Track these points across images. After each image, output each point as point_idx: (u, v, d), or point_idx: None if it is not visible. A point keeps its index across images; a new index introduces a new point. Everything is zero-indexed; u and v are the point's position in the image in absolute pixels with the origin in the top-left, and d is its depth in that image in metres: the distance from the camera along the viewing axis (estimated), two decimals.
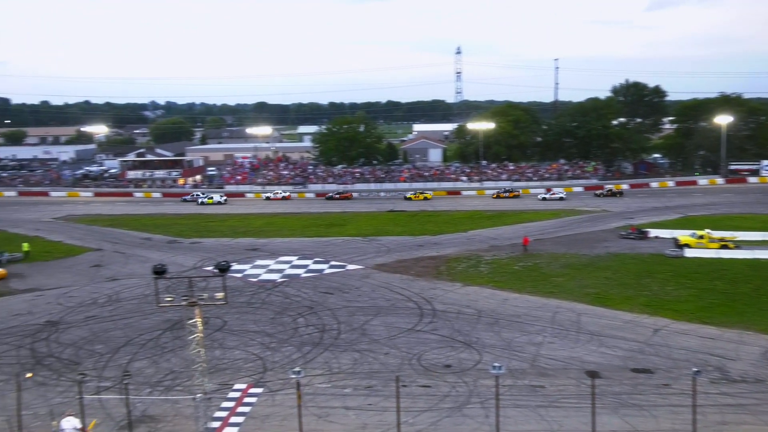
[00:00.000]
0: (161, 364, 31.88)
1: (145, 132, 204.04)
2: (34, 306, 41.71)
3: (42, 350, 33.91)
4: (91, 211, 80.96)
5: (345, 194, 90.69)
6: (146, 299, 42.02)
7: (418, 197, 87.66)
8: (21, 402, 21.80)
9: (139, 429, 24.67)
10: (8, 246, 57.07)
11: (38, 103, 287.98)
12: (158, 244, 60.93)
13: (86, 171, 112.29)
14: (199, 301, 21.44)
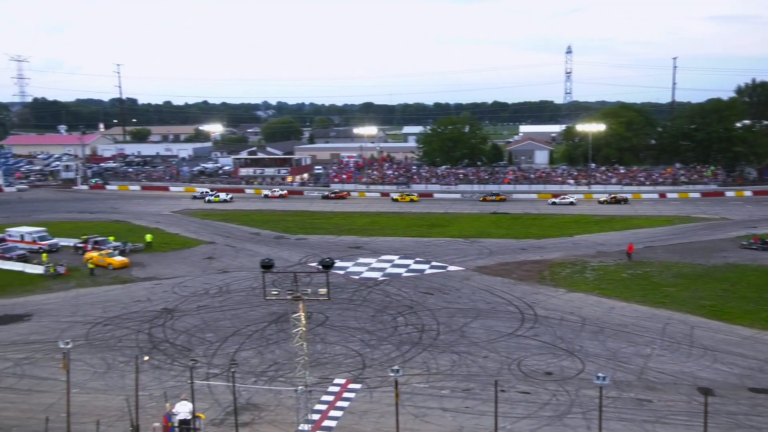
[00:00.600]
0: (266, 355, 33.09)
1: (257, 131, 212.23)
2: (153, 294, 44.44)
3: (158, 336, 36.07)
4: (205, 206, 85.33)
5: (340, 193, 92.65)
6: (254, 292, 43.76)
7: (404, 198, 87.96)
8: (139, 383, 23.28)
9: (244, 416, 25.72)
10: (131, 237, 61.18)
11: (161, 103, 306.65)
12: (266, 239, 63.26)
13: (202, 167, 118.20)
14: (303, 295, 22.03)
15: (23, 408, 27.12)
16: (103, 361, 32.37)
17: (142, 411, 23.71)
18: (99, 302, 42.63)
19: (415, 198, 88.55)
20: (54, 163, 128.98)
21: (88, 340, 35.34)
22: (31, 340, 35.64)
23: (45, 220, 71.60)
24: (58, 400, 26.39)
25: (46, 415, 23.35)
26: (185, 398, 23.07)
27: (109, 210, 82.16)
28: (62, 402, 24.15)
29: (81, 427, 23.09)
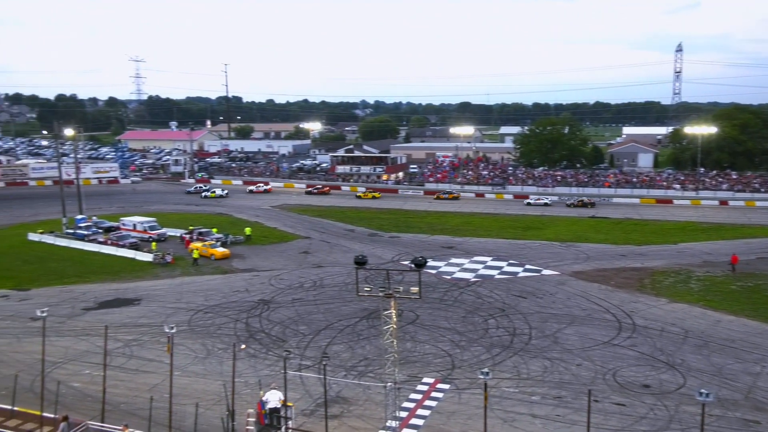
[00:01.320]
0: (356, 350, 33.56)
1: (354, 129, 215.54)
2: (251, 285, 46.10)
3: (255, 325, 37.37)
4: (302, 202, 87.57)
5: (323, 189, 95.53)
6: (346, 287, 44.50)
7: (367, 195, 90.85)
8: (235, 370, 24.19)
9: (333, 408, 26.20)
10: (233, 229, 63.71)
11: (264, 102, 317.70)
12: (360, 236, 64.15)
13: (301, 164, 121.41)
14: (395, 293, 22.15)
15: (131, 386, 28.84)
16: (203, 347, 33.90)
17: (237, 397, 24.64)
18: (201, 290, 44.68)
19: (377, 195, 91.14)
20: (165, 157, 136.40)
21: (190, 326, 37.12)
22: (140, 323, 37.86)
23: (155, 210, 75.81)
24: (162, 381, 27.89)
25: (151, 395, 24.69)
26: (275, 387, 23.77)
27: (213, 203, 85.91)
28: (165, 383, 25.48)
29: (181, 408, 24.26)
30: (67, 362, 32.00)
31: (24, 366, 30.51)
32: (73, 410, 26.40)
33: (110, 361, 28.64)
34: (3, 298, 43.61)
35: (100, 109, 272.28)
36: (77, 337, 35.44)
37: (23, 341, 34.66)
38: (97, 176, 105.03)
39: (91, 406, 26.22)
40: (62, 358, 32.22)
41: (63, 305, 41.28)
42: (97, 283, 47.06)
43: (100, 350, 28.31)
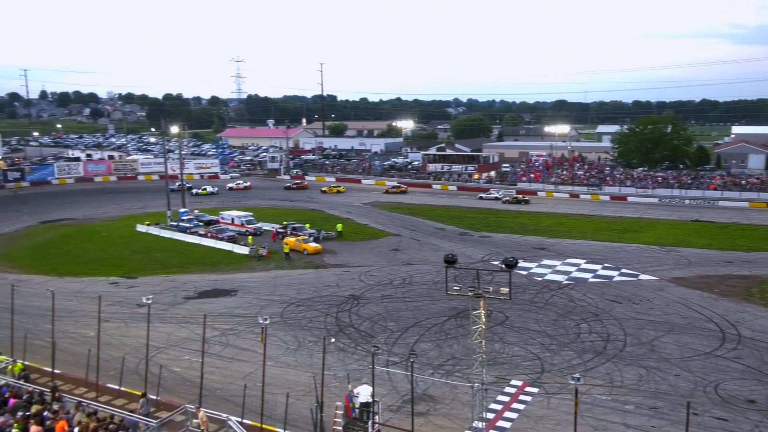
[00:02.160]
0: (444, 348, 33.47)
1: (446, 127, 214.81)
2: (341, 280, 46.89)
3: (344, 320, 38.00)
4: (393, 199, 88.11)
5: (301, 185, 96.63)
6: (435, 286, 44.44)
7: (332, 191, 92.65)
8: (325, 363, 24.69)
9: (420, 405, 26.26)
10: (325, 225, 65.03)
11: (358, 100, 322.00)
12: (450, 235, 63.88)
13: (393, 162, 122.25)
14: (485, 293, 21.91)
15: (226, 374, 30.04)
16: (294, 339, 34.81)
17: (326, 389, 25.17)
18: (294, 284, 45.90)
19: (341, 189, 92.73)
20: (262, 154, 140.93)
21: (282, 318, 38.21)
22: (236, 313, 39.34)
23: (251, 205, 78.46)
24: (255, 371, 28.86)
25: (245, 383, 25.61)
26: (366, 382, 24.07)
27: (307, 199, 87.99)
28: (258, 372, 26.36)
29: (273, 397, 25.02)
30: (169, 348, 33.74)
31: (130, 349, 32.40)
32: (173, 393, 27.83)
33: (208, 348, 29.93)
34: (113, 284, 46.51)
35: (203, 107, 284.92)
36: (178, 324, 37.29)
37: (130, 326, 36.82)
38: (200, 171, 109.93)
39: (189, 390, 27.51)
40: (164, 344, 34.00)
41: (166, 293, 43.53)
42: (197, 274, 49.31)
43: (199, 338, 29.64)
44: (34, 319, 36.36)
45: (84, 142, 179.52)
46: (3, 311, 35.34)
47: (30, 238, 63.31)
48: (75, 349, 32.46)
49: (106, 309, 34.24)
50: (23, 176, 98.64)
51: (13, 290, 33.38)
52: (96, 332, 29.91)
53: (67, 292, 42.81)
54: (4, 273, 49.43)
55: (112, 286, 45.89)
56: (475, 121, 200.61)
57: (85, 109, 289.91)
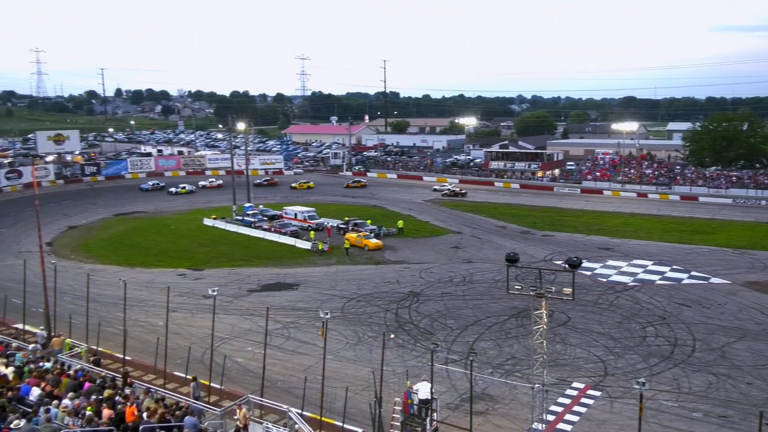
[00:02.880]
0: (504, 348, 33.09)
1: (510, 125, 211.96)
2: (402, 276, 46.97)
3: (404, 316, 38.07)
4: (454, 198, 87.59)
5: (272, 181, 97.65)
6: (496, 284, 43.98)
7: (302, 186, 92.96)
8: (384, 358, 24.79)
9: (478, 404, 26.06)
10: (386, 221, 65.27)
11: (420, 97, 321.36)
12: (512, 233, 63.07)
13: (455, 159, 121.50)
14: (547, 293, 21.55)
15: (287, 366, 30.57)
16: (354, 334, 35.11)
17: (385, 384, 25.26)
18: (354, 279, 46.27)
19: (311, 185, 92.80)
20: (325, 150, 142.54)
21: (343, 312, 38.59)
22: (297, 307, 39.98)
23: (314, 201, 79.56)
24: (315, 364, 29.24)
25: (305, 376, 25.99)
26: (425, 379, 24.04)
27: (368, 195, 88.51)
28: (318, 366, 26.67)
29: (332, 390, 25.30)
30: (233, 338, 34.59)
31: (196, 339, 33.38)
32: (236, 383, 28.51)
33: (270, 340, 30.49)
34: (181, 276, 48.00)
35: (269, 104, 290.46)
36: (242, 316, 38.18)
37: (196, 316, 37.93)
38: (264, 167, 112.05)
39: (251, 381, 28.12)
40: (228, 335, 34.88)
41: (230, 286, 44.63)
42: (260, 267, 50.35)
43: (262, 330, 30.22)
44: (107, 307, 37.92)
45: (155, 138, 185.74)
46: (79, 299, 37.02)
47: (104, 229, 66.06)
48: (144, 337, 33.68)
49: (174, 299, 35.39)
50: (99, 170, 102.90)
51: (89, 279, 34.90)
52: (164, 321, 30.95)
53: (138, 283, 44.45)
54: (80, 263, 51.75)
55: (179, 278, 47.38)
56: (539, 118, 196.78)
57: (157, 106, 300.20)
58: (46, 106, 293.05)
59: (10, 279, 41.50)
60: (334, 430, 24.40)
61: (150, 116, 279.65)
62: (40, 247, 38.38)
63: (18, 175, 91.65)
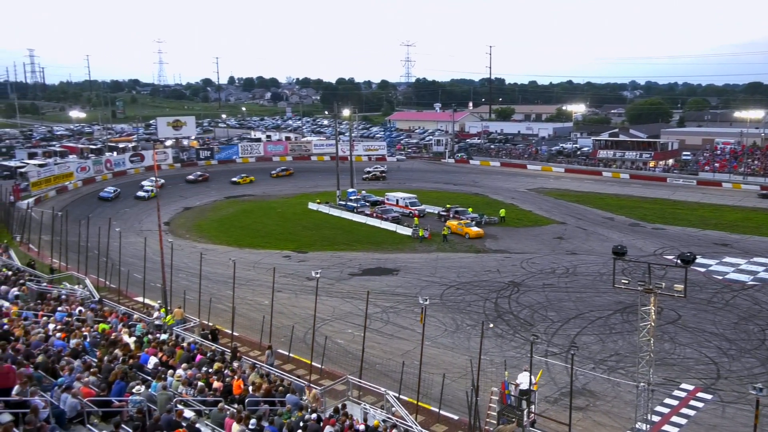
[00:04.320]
0: (607, 343, 32.03)
1: (620, 112, 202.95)
2: (502, 266, 46.39)
3: (504, 306, 37.63)
4: (560, 186, 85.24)
5: (204, 176, 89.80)
6: (601, 278, 42.54)
7: (245, 180, 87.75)
8: (482, 347, 24.66)
9: (578, 400, 25.41)
10: (487, 209, 64.53)
11: (527, 83, 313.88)
12: (619, 225, 60.64)
13: (561, 147, 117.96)
14: (656, 289, 20.60)
15: (386, 349, 31.05)
16: (452, 321, 35.11)
17: (482, 373, 25.13)
18: (454, 267, 46.18)
19: (252, 179, 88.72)
20: (427, 137, 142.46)
21: (442, 300, 38.66)
22: (397, 292, 40.44)
23: (416, 188, 79.80)
24: (413, 349, 29.52)
25: (403, 360, 26.32)
26: (527, 369, 23.73)
27: (470, 183, 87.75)
28: (416, 350, 26.94)
29: (429, 376, 25.48)
30: (334, 320, 35.52)
31: (299, 319, 34.55)
32: (336, 363, 29.29)
33: (369, 324, 31.08)
34: (286, 258, 49.74)
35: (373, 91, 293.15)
36: (343, 299, 39.10)
37: (300, 297, 39.23)
38: (368, 153, 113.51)
39: (350, 362, 28.80)
40: (330, 316, 35.85)
41: (333, 269, 45.77)
42: (362, 252, 51.26)
43: (362, 313, 30.88)
44: (218, 285, 39.94)
45: (264, 124, 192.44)
46: (193, 276, 39.27)
47: (216, 211, 69.44)
48: (251, 315, 35.24)
49: (279, 280, 36.78)
50: (212, 155, 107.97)
51: (202, 258, 36.91)
52: (270, 301, 32.26)
53: (246, 262, 46.46)
54: (194, 242, 54.75)
55: (284, 259, 49.09)
56: (653, 105, 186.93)
57: (267, 93, 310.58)
58: (166, 93, 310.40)
59: (132, 255, 44.60)
60: (430, 415, 24.61)
61: (260, 103, 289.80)
62: (158, 227, 40.94)
63: (140, 158, 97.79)
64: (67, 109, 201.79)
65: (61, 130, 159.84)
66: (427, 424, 23.06)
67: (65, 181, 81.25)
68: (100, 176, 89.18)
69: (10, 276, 31.96)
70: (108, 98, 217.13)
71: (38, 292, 29.86)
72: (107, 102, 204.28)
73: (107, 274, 41.38)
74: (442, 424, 24.06)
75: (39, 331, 22.06)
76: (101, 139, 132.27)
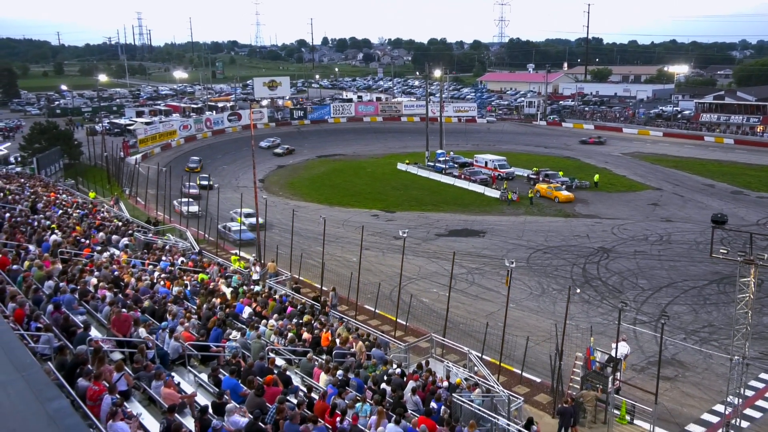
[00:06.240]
0: (701, 314, 30.71)
1: (728, 73, 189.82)
2: (592, 231, 45.08)
3: (592, 272, 36.69)
4: (657, 151, 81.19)
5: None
6: (697, 246, 40.56)
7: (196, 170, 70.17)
8: (568, 312, 24.24)
9: (667, 370, 24.62)
10: (579, 174, 62.57)
11: (626, 43, 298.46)
12: (720, 193, 57.35)
13: (660, 110, 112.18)
14: (758, 260, 19.45)
15: (470, 310, 31.08)
16: (538, 285, 34.63)
17: (567, 338, 24.73)
18: (542, 231, 45.31)
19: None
20: (519, 99, 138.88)
21: (528, 263, 38.13)
22: (483, 254, 40.21)
23: (506, 150, 78.29)
24: (497, 311, 29.41)
25: (487, 321, 26.29)
26: (625, 338, 23.07)
27: (562, 146, 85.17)
28: (500, 312, 26.83)
29: (512, 338, 25.35)
30: (419, 279, 35.82)
31: (385, 277, 35.05)
32: (420, 321, 29.65)
33: (454, 284, 31.16)
34: (374, 216, 50.35)
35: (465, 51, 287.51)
36: (429, 259, 39.29)
37: (387, 255, 39.72)
38: (458, 115, 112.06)
39: (434, 321, 29.05)
40: (415, 275, 36.16)
41: (419, 229, 45.96)
42: (449, 213, 51.13)
43: (447, 273, 30.92)
44: (308, 241, 41.04)
45: (356, 85, 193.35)
46: (285, 231, 40.51)
47: (308, 170, 70.95)
48: (339, 271, 36.07)
49: (367, 238, 37.32)
50: (305, 115, 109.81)
51: (294, 215, 37.97)
52: (357, 258, 32.88)
53: (336, 220, 47.40)
54: (287, 199, 56.29)
55: (373, 218, 49.71)
56: (765, 66, 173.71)
57: (359, 54, 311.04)
58: (263, 54, 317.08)
59: (229, 210, 46.61)
60: (512, 376, 24.58)
61: (352, 63, 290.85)
62: (254, 183, 42.33)
63: (238, 117, 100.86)
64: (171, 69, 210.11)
65: (166, 90, 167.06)
66: (508, 385, 23.04)
67: (169, 139, 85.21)
68: (200, 134, 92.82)
69: (120, 226, 34.06)
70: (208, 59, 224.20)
71: (145, 242, 31.69)
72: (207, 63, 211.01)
73: (206, 227, 43.39)
74: (524, 386, 23.98)
75: (146, 279, 23.52)
76: (202, 98, 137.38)
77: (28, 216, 29.93)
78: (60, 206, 35.60)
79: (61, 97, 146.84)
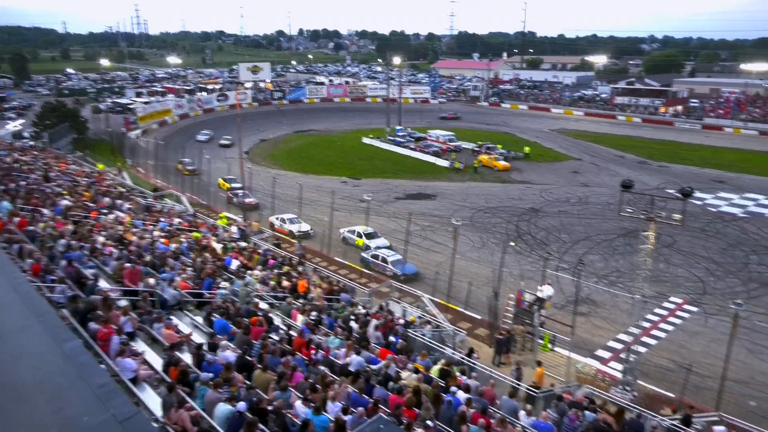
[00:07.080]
0: (610, 261, 31.69)
1: (638, 63, 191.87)
2: (524, 194, 45.76)
3: (523, 228, 37.38)
4: (579, 128, 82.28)
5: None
6: (609, 207, 41.60)
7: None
8: (503, 261, 24.75)
9: (582, 307, 25.48)
10: (514, 146, 63.09)
11: (555, 36, 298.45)
12: (629, 163, 58.64)
13: (582, 94, 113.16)
14: (657, 217, 20.10)
15: (423, 260, 31.43)
16: (479, 239, 35.16)
17: (502, 283, 25.30)
18: (483, 194, 45.79)
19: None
20: (466, 83, 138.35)
21: (471, 221, 38.60)
22: (434, 213, 40.51)
23: (453, 126, 78.21)
24: (445, 261, 29.82)
25: (436, 270, 26.68)
26: (551, 283, 23.64)
27: (501, 123, 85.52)
28: (448, 263, 27.25)
29: (458, 284, 25.86)
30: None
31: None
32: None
33: (410, 239, 31.42)
34: (343, 183, 50.10)
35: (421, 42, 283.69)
36: (389, 218, 39.42)
37: (353, 216, 39.58)
38: (414, 96, 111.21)
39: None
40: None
41: (381, 193, 45.97)
42: (406, 179, 51.18)
43: (404, 230, 31.16)
44: (288, 204, 40.65)
45: (328, 70, 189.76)
46: (267, 196, 40.06)
47: (287, 143, 69.88)
48: (314, 229, 35.98)
49: (337, 201, 37.18)
50: (284, 96, 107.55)
51: (274, 182, 37.52)
52: (329, 218, 32.80)
53: (310, 186, 47.00)
54: (269, 168, 55.48)
55: (342, 184, 49.47)
56: (668, 57, 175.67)
57: (330, 43, 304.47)
58: (246, 42, 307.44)
59: (216, 178, 45.85)
60: (457, 314, 25.13)
61: (325, 52, 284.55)
62: (240, 155, 41.59)
63: (225, 98, 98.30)
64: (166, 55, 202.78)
65: (161, 74, 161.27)
66: (454, 322, 23.57)
67: (165, 116, 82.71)
68: (192, 113, 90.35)
69: (124, 192, 33.26)
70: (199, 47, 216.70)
71: (145, 206, 31.05)
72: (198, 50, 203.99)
73: (199, 192, 42.64)
74: (467, 322, 24.57)
75: (147, 237, 23.11)
76: (194, 81, 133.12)
77: (41, 184, 28.97)
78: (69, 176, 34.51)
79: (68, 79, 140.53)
